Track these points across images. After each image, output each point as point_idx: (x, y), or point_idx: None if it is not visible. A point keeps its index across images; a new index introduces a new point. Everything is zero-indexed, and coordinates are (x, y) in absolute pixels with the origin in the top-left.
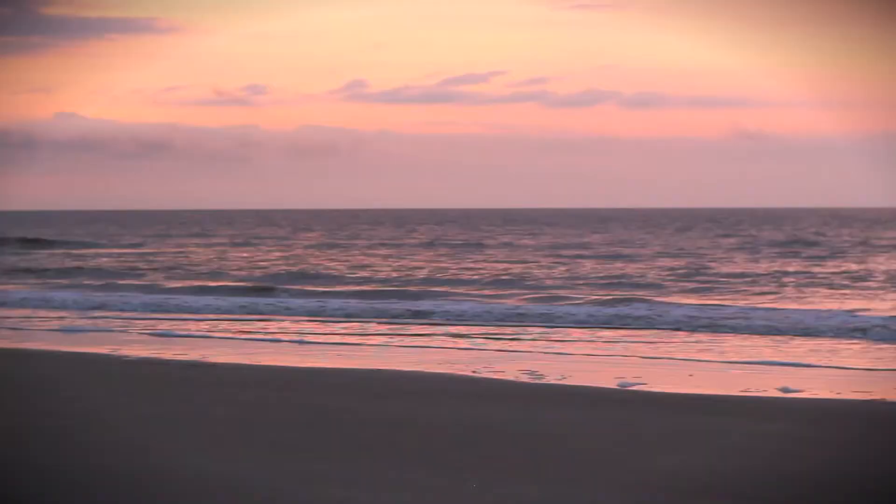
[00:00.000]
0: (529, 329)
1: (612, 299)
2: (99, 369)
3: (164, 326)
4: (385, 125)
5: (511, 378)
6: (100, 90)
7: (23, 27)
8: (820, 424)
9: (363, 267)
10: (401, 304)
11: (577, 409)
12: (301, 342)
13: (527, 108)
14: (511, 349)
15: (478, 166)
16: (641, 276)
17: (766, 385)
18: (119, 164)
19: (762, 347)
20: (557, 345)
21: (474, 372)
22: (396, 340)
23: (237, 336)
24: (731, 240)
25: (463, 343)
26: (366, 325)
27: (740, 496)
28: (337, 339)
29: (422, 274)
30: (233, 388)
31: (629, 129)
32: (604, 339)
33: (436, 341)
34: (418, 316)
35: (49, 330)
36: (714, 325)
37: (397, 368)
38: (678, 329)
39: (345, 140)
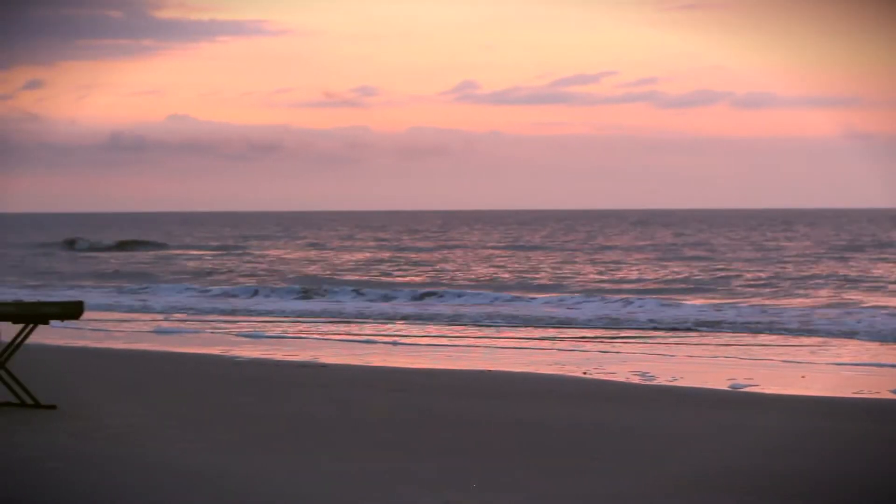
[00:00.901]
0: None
1: (723, 302)
2: (213, 370)
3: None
4: (495, 126)
5: (622, 379)
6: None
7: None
8: None
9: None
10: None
11: (687, 410)
12: (413, 344)
13: (637, 108)
14: (622, 350)
15: (587, 167)
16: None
17: (879, 387)
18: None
19: (877, 350)
20: (668, 346)
21: (585, 373)
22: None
23: (351, 338)
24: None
25: (573, 344)
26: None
27: (871, 499)
28: (446, 340)
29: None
30: (343, 388)
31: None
32: (717, 342)
33: (554, 344)
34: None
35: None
36: (830, 327)
37: (507, 369)
38: (793, 332)
39: (454, 141)
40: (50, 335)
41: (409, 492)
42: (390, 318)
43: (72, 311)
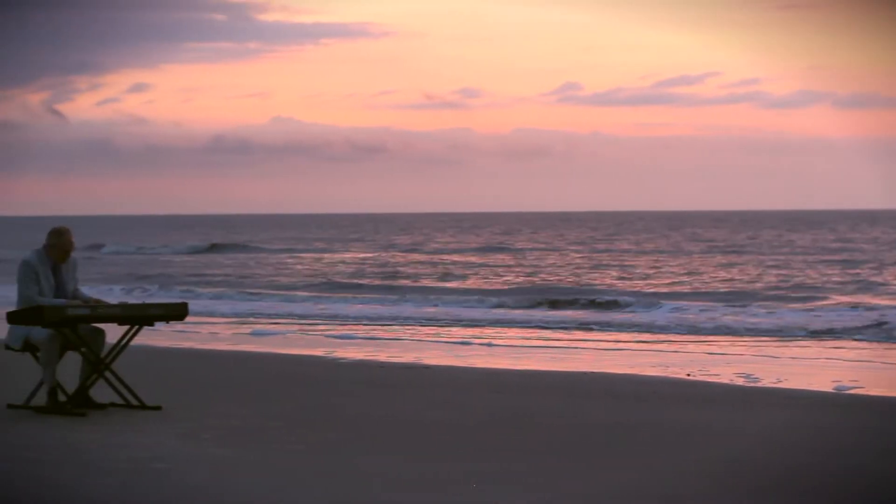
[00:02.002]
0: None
1: (837, 304)
2: (315, 371)
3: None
4: (597, 127)
5: (726, 381)
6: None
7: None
8: None
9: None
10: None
11: (791, 412)
12: (517, 346)
13: (740, 109)
14: (728, 352)
15: (690, 168)
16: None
17: None
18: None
19: None
20: (774, 348)
21: (689, 375)
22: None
23: (454, 339)
24: None
25: (678, 346)
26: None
27: None
28: (551, 342)
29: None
30: (445, 390)
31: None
32: (825, 345)
33: (658, 345)
34: None
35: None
36: None
37: (609, 371)
38: None
39: (557, 142)
40: (155, 337)
41: (505, 492)
42: (520, 324)
43: (176, 312)
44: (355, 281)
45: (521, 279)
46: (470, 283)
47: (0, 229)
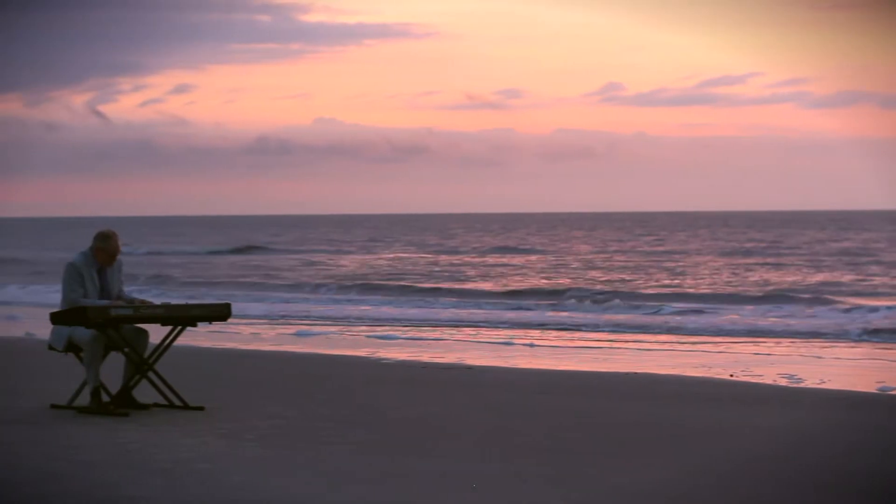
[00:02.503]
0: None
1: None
2: (359, 372)
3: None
4: (640, 128)
5: (769, 382)
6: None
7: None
8: None
9: None
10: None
11: (836, 412)
12: (560, 346)
13: (783, 109)
14: (772, 353)
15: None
16: None
17: None
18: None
19: None
20: (819, 349)
21: (731, 375)
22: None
23: (497, 340)
24: None
25: (722, 347)
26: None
27: None
28: (594, 343)
29: None
30: (487, 390)
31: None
32: (870, 346)
33: (701, 346)
34: None
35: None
36: None
37: (652, 371)
38: None
39: (600, 143)
40: (198, 337)
41: (548, 492)
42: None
43: (219, 313)
44: (396, 283)
45: (564, 280)
46: (510, 284)
47: (44, 230)
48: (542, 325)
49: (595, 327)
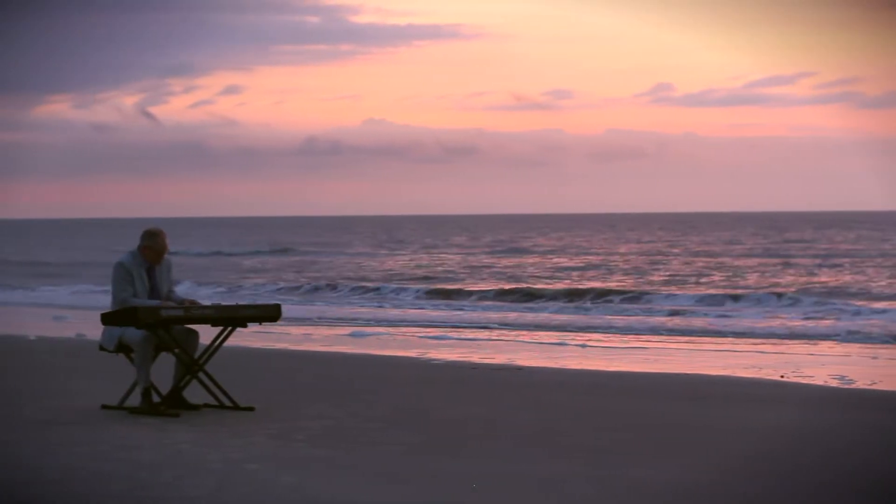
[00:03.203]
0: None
1: None
2: (409, 373)
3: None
4: (689, 128)
5: (820, 383)
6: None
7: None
8: None
9: None
10: None
11: (888, 414)
12: (611, 347)
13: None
14: (823, 353)
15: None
16: None
17: None
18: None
19: None
20: (876, 350)
21: (782, 376)
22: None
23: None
24: None
25: (773, 347)
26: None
27: None
28: (642, 343)
29: None
30: (537, 391)
31: None
32: None
33: (753, 346)
34: None
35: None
36: None
37: (702, 372)
38: None
39: (649, 143)
40: (248, 338)
41: (598, 493)
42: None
43: (269, 313)
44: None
45: (617, 280)
46: (566, 284)
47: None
48: (594, 328)
49: (648, 329)
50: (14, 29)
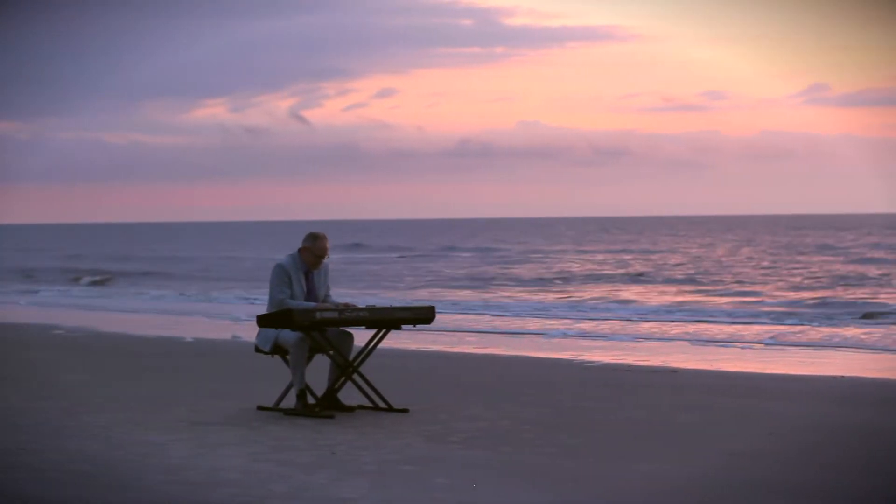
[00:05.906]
0: None
1: None
2: (562, 375)
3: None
4: (846, 129)
5: None
6: (560, 98)
7: (486, 38)
8: None
9: None
10: None
11: None
12: (769, 347)
13: None
14: None
15: None
16: None
17: None
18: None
19: None
20: None
21: None
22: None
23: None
24: None
25: None
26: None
27: None
28: (803, 345)
29: None
30: (692, 394)
31: None
32: None
33: None
34: None
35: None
36: None
37: (862, 375)
38: None
39: (804, 145)
40: (402, 340)
41: (749, 496)
42: None
43: (424, 315)
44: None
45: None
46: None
47: (247, 234)
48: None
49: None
50: (173, 34)
